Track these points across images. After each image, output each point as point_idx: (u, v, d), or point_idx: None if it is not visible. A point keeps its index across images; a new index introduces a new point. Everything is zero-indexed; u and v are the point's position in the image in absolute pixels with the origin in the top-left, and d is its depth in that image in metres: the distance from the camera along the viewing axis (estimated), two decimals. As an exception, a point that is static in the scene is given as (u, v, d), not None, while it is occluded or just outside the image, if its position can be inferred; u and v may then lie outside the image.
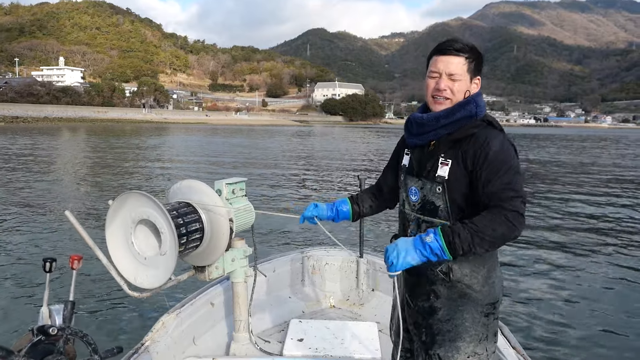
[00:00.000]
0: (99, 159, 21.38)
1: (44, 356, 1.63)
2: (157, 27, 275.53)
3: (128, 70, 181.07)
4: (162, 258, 1.98)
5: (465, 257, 1.54)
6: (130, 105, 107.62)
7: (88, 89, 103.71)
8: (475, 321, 1.67)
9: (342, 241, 1.90)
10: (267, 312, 3.40)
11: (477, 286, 1.66)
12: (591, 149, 40.96)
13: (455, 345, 1.68)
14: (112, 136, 42.24)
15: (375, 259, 3.83)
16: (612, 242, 8.50)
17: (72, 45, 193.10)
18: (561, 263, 7.21)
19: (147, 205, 1.97)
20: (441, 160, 1.66)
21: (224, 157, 24.71)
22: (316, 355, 2.83)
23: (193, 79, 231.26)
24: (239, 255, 2.53)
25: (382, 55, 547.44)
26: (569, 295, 5.88)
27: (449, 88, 1.68)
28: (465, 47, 1.68)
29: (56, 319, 1.79)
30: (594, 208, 11.88)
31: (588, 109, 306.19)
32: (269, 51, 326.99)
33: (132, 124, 78.27)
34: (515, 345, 2.42)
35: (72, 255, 1.96)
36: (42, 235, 7.93)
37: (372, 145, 38.89)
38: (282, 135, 55.05)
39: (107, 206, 2.08)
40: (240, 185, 2.49)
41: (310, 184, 15.16)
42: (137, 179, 15.41)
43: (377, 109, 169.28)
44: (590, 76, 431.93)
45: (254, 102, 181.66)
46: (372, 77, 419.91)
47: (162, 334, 2.55)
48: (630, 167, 24.31)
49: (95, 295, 5.26)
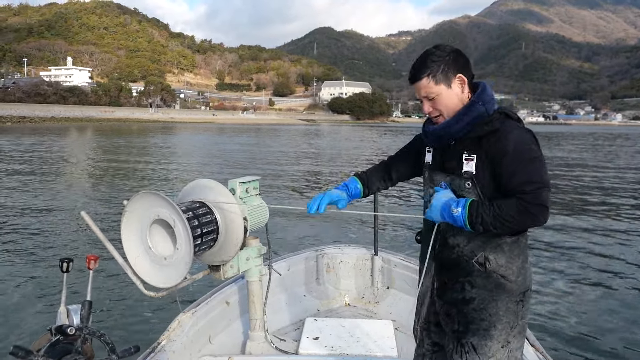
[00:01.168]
0: (110, 159, 21.20)
1: (62, 356, 1.64)
2: (165, 27, 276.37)
3: (135, 70, 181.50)
4: (177, 257, 1.98)
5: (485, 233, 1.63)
6: (137, 105, 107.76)
7: (95, 89, 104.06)
8: (509, 310, 1.70)
9: (356, 239, 1.92)
10: (282, 311, 3.39)
11: (512, 277, 1.69)
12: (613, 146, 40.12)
13: (489, 334, 1.70)
14: (119, 135, 42.20)
15: (390, 256, 3.78)
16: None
17: (80, 46, 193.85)
18: (580, 257, 7.12)
19: (161, 205, 1.97)
20: (465, 156, 1.69)
21: (233, 156, 24.43)
22: (332, 354, 2.82)
23: (200, 78, 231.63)
24: (253, 254, 2.53)
25: (389, 53, 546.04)
26: (591, 292, 5.83)
27: (433, 108, 1.74)
28: (424, 64, 1.71)
29: (74, 318, 1.81)
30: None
31: (598, 106, 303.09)
32: (276, 50, 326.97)
33: (139, 124, 78.23)
34: (534, 342, 2.42)
35: (88, 256, 1.98)
36: (59, 236, 7.92)
37: (378, 144, 38.38)
38: (290, 134, 54.74)
39: (122, 206, 2.08)
40: (253, 184, 2.49)
41: (321, 181, 14.89)
42: (149, 178, 15.28)
43: (385, 107, 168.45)
44: (599, 73, 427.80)
45: (261, 101, 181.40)
46: (379, 75, 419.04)
47: (178, 333, 2.56)
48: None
49: (112, 295, 5.29)
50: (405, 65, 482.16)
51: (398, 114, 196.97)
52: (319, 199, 1.94)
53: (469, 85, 1.74)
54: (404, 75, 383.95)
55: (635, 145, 42.24)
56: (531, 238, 7.81)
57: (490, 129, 1.64)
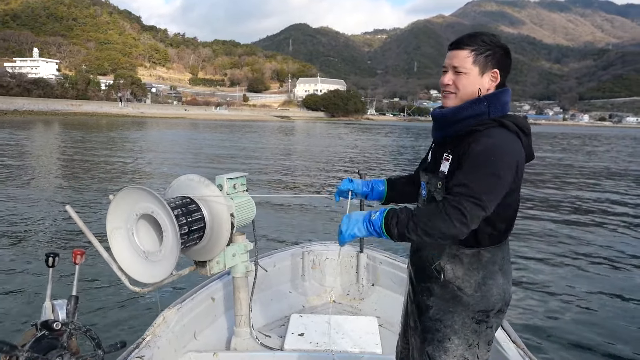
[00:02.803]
0: (75, 155, 20.37)
1: (47, 351, 1.63)
2: (137, 19, 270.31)
3: (105, 63, 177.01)
4: (164, 253, 1.98)
5: (403, 241, 1.54)
6: (106, 99, 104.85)
7: (61, 82, 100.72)
8: (465, 326, 1.64)
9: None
10: (267, 307, 3.43)
11: (468, 290, 1.62)
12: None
13: (443, 346, 1.66)
14: (86, 131, 40.65)
15: (375, 253, 3.83)
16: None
17: (47, 37, 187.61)
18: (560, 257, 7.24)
19: (148, 200, 1.96)
20: (445, 155, 1.64)
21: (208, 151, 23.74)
22: (317, 350, 2.84)
23: (173, 72, 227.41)
24: (240, 250, 2.54)
25: (365, 51, 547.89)
26: (570, 290, 5.95)
27: (453, 82, 1.64)
28: (475, 39, 1.62)
29: (59, 313, 1.79)
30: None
31: (566, 107, 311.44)
32: (251, 46, 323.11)
33: (108, 118, 76.02)
34: (515, 339, 2.41)
35: (74, 250, 1.95)
36: (44, 230, 7.83)
37: (361, 142, 38.09)
38: (264, 131, 53.94)
39: (108, 201, 2.07)
40: (241, 180, 2.50)
41: (304, 178, 14.54)
42: (122, 173, 14.90)
43: (359, 105, 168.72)
44: (568, 75, 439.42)
45: (235, 97, 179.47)
46: (354, 73, 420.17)
47: (163, 329, 2.54)
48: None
49: (98, 290, 5.26)
50: (381, 64, 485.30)
51: (373, 112, 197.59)
52: (346, 185, 1.97)
53: (496, 87, 1.65)
54: (379, 73, 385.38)
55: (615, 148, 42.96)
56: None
57: (472, 129, 1.57)
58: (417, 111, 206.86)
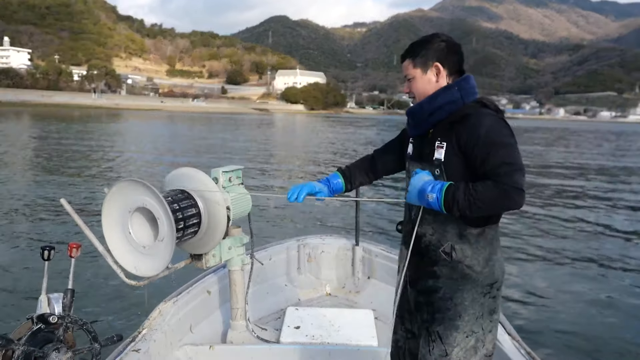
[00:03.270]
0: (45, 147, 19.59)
1: (43, 344, 1.63)
2: (112, 9, 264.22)
3: (80, 53, 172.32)
4: (160, 246, 1.98)
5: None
6: (79, 90, 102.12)
7: (32, 72, 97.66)
8: (475, 301, 1.72)
9: (337, 229, 2.02)
10: (263, 300, 3.43)
11: (477, 267, 1.70)
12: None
13: (454, 324, 1.72)
14: (55, 122, 39.22)
15: (371, 246, 3.83)
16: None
17: (18, 25, 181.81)
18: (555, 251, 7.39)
19: (144, 193, 1.95)
20: (437, 143, 1.71)
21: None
22: (313, 343, 2.85)
23: (149, 64, 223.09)
24: (235, 243, 2.53)
25: (345, 44, 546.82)
26: (566, 284, 6.10)
27: (409, 88, 1.83)
28: (410, 48, 1.81)
29: (55, 307, 1.79)
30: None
31: (542, 101, 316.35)
32: (230, 37, 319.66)
33: (81, 110, 73.90)
34: (510, 331, 2.46)
35: (70, 244, 1.95)
36: (40, 223, 7.82)
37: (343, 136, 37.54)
38: (244, 126, 52.99)
39: (103, 194, 2.06)
40: (236, 173, 2.49)
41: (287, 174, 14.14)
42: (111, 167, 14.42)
43: (339, 98, 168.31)
44: (544, 70, 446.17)
45: (213, 89, 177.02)
46: (334, 66, 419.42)
47: (159, 322, 2.55)
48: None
49: (94, 284, 5.24)
50: (360, 57, 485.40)
51: (352, 105, 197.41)
52: (299, 188, 1.95)
53: (452, 77, 1.76)
54: (359, 66, 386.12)
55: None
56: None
57: (462, 114, 1.66)
58: (397, 104, 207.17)
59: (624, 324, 4.98)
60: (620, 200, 12.56)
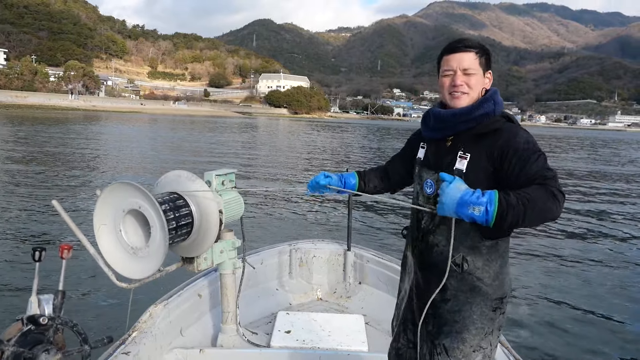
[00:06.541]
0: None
1: (33, 346, 1.62)
2: (93, 9, 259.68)
3: (59, 54, 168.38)
4: (151, 249, 1.96)
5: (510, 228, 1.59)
6: (55, 91, 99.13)
7: (6, 71, 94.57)
8: (483, 315, 1.68)
9: (330, 234, 2.10)
10: (254, 304, 3.42)
11: (488, 280, 1.67)
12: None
13: (461, 337, 1.68)
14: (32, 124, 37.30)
15: (362, 251, 3.83)
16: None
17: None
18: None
19: (136, 195, 1.94)
20: (460, 153, 1.67)
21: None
22: (303, 347, 2.84)
23: (131, 65, 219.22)
24: (227, 246, 2.53)
25: (329, 49, 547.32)
26: (557, 290, 6.07)
27: (465, 83, 1.72)
28: (474, 43, 1.76)
29: (45, 308, 1.78)
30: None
31: (524, 108, 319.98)
32: (213, 40, 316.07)
33: (56, 111, 71.43)
34: (499, 338, 2.41)
35: (61, 245, 1.94)
36: (31, 224, 7.77)
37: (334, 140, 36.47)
38: (225, 130, 51.49)
39: (94, 196, 2.04)
40: (229, 177, 2.48)
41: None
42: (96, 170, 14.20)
43: (323, 102, 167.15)
44: (525, 77, 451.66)
45: (196, 92, 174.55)
46: (318, 70, 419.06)
47: (149, 325, 2.54)
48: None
49: (85, 285, 5.22)
50: (345, 62, 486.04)
51: (336, 110, 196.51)
52: (317, 179, 2.00)
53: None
54: (343, 71, 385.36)
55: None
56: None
57: (493, 128, 1.64)
58: (381, 109, 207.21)
59: (608, 327, 5.03)
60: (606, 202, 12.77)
